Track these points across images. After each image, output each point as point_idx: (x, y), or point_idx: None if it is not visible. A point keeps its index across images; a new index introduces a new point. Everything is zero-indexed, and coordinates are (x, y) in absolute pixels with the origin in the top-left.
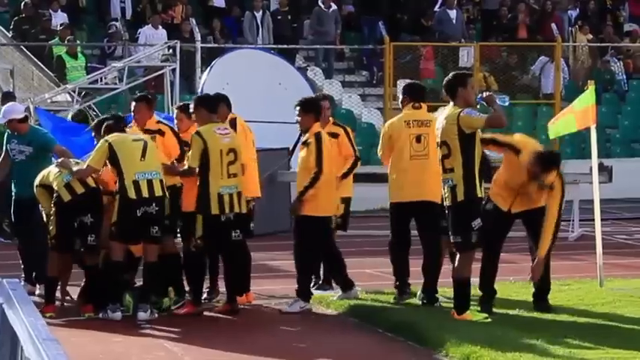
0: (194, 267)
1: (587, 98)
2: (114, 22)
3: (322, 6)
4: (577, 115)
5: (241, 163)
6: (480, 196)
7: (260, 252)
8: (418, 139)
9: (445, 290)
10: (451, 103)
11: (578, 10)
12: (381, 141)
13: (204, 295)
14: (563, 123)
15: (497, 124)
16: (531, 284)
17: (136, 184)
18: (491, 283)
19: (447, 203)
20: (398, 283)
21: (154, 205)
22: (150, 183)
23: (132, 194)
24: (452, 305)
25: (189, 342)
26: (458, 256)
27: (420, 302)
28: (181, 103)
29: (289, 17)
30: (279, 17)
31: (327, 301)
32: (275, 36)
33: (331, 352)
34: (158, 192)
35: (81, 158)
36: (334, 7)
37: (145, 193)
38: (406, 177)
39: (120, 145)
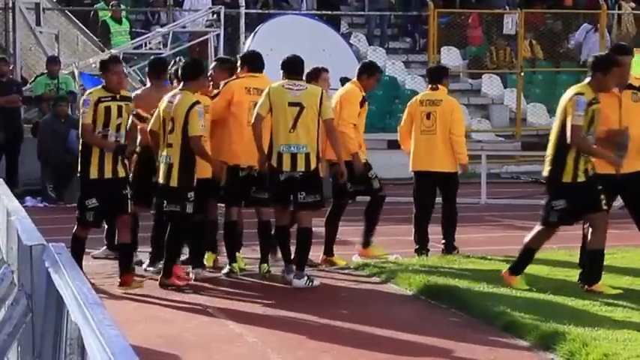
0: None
1: (635, 67)
2: None
3: None
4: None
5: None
6: (565, 181)
7: None
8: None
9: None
10: (588, 79)
11: None
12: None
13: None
14: None
15: (582, 149)
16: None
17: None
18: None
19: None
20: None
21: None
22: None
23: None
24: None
25: (234, 307)
26: (536, 226)
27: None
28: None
29: None
30: None
31: (371, 267)
32: (319, 2)
33: (374, 319)
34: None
35: None
36: None
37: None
38: None
39: None
